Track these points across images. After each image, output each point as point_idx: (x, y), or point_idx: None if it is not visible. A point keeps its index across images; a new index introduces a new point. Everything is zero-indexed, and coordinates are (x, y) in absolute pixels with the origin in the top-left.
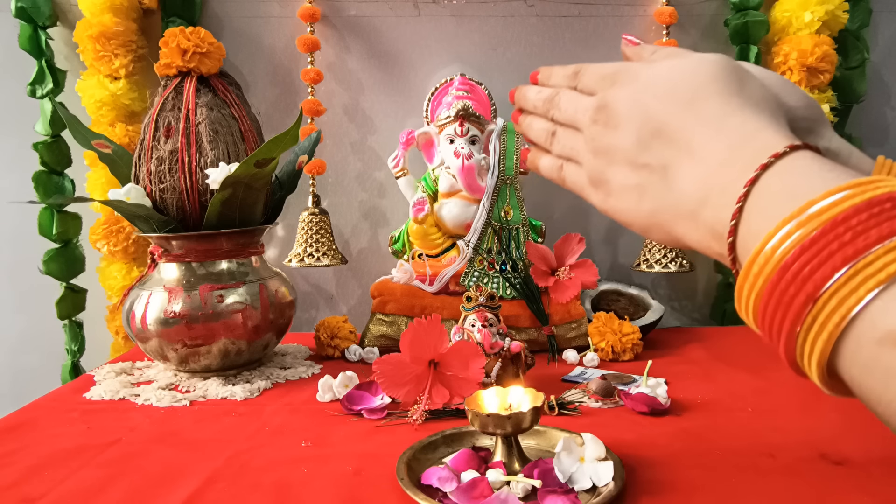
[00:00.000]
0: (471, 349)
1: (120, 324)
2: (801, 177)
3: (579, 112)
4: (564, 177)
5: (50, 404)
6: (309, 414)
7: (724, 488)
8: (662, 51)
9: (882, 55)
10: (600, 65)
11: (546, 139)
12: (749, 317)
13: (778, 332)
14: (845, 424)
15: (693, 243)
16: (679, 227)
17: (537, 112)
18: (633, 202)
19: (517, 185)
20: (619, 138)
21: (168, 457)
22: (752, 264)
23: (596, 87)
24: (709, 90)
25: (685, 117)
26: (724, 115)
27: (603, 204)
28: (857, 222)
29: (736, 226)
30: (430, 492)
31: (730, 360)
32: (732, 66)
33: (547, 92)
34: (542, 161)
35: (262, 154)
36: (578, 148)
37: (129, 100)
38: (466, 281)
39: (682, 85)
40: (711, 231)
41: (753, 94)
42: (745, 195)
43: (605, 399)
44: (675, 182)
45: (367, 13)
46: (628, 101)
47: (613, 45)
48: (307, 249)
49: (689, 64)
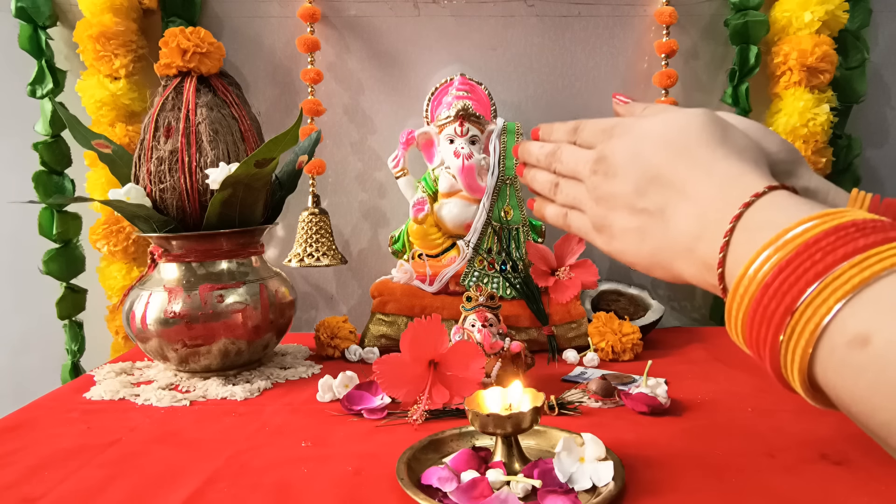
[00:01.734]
0: (471, 349)
1: (120, 324)
2: (778, 211)
3: (580, 164)
4: (569, 223)
5: (50, 404)
6: (309, 414)
7: (724, 488)
8: (652, 107)
9: (882, 55)
10: (597, 120)
11: (550, 190)
12: (738, 336)
13: (763, 345)
14: (845, 424)
15: (690, 278)
16: (677, 263)
17: (540, 165)
18: (635, 244)
19: (517, 185)
20: (619, 186)
21: (168, 457)
22: (738, 286)
23: (594, 140)
24: (698, 140)
25: (678, 164)
26: (712, 161)
27: (607, 246)
28: (826, 244)
29: (724, 257)
30: (430, 492)
31: (730, 360)
32: (717, 119)
33: (549, 147)
34: (547, 210)
35: (262, 154)
36: (581, 197)
37: (129, 100)
38: (466, 281)
39: (674, 136)
40: (705, 264)
41: (737, 143)
42: (731, 230)
43: (605, 399)
44: (671, 222)
45: (367, 13)
46: (625, 152)
47: (613, 45)
48: (307, 249)
49: (679, 118)
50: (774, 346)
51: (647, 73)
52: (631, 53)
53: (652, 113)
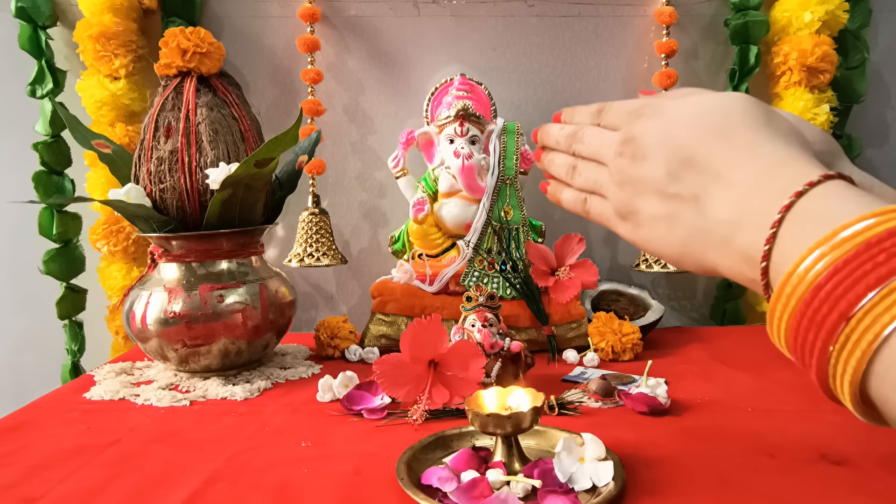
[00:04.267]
0: (471, 349)
1: (120, 324)
2: (834, 204)
3: (604, 146)
4: (588, 209)
5: (50, 404)
6: (309, 414)
7: (724, 488)
8: (682, 90)
9: (882, 55)
10: (624, 101)
11: (567, 173)
12: (780, 338)
13: (810, 353)
14: (845, 424)
15: (725, 270)
16: (711, 254)
17: (560, 148)
18: (663, 232)
19: (517, 185)
20: (647, 169)
21: (168, 457)
22: (784, 285)
23: (620, 122)
24: (739, 122)
25: (716, 147)
26: (755, 144)
27: (632, 235)
28: (891, 244)
29: (770, 250)
30: (430, 492)
31: (730, 360)
32: (758, 102)
33: (570, 128)
34: (564, 194)
35: (262, 154)
36: (603, 180)
37: (129, 100)
38: (466, 281)
39: (711, 117)
40: (745, 256)
41: (781, 127)
42: (780, 221)
43: (605, 399)
44: (707, 210)
45: (367, 13)
46: (656, 132)
47: (613, 45)
48: (307, 249)
49: (716, 98)
50: (823, 355)
51: (647, 73)
52: (631, 53)
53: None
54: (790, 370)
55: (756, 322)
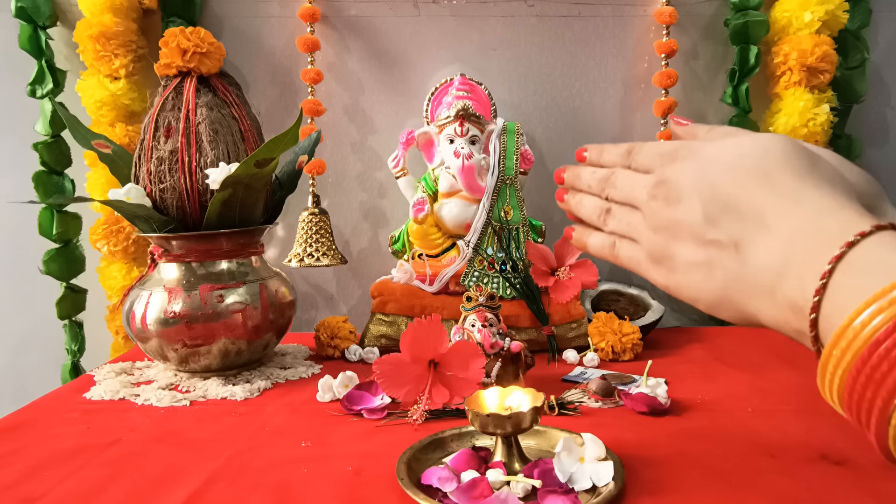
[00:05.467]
0: (471, 349)
1: (120, 324)
2: (889, 255)
3: (636, 189)
4: (618, 254)
5: (50, 404)
6: (309, 414)
7: (724, 488)
8: (718, 130)
9: (882, 55)
10: (656, 143)
11: (599, 217)
12: (833, 394)
13: (868, 411)
14: (845, 424)
15: (768, 320)
16: (753, 302)
17: (591, 191)
18: (700, 279)
19: (517, 185)
20: (683, 213)
21: (168, 457)
22: (839, 339)
23: (652, 164)
24: (782, 166)
25: (758, 192)
26: (800, 190)
27: (665, 280)
28: None
29: (819, 302)
30: (430, 492)
31: (730, 360)
32: (802, 145)
33: (602, 172)
34: (591, 238)
35: (262, 154)
36: (636, 224)
37: (129, 100)
38: (466, 281)
39: (752, 161)
40: (791, 306)
41: (826, 173)
42: (830, 271)
43: (605, 399)
44: (748, 257)
45: (367, 13)
46: (691, 176)
47: (613, 45)
48: (307, 249)
49: (757, 141)
50: (884, 414)
51: (647, 73)
52: (631, 53)
53: (719, 136)
54: (790, 370)
55: None
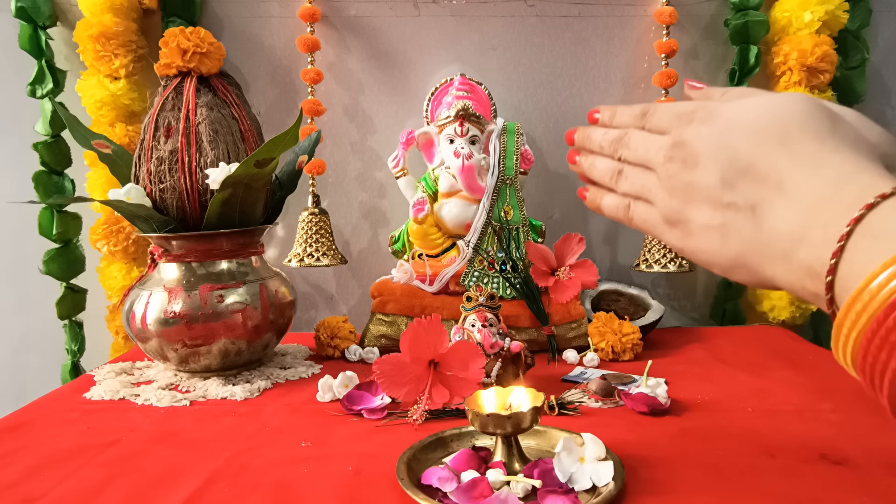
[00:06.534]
0: (471, 349)
1: (120, 324)
2: None
3: (651, 151)
4: (632, 216)
5: (50, 404)
6: (309, 414)
7: (724, 488)
8: (733, 91)
9: (882, 55)
10: (672, 104)
11: (612, 178)
12: (847, 356)
13: (881, 373)
14: (845, 424)
15: (784, 284)
16: (769, 267)
17: (603, 152)
18: (716, 242)
19: (517, 185)
20: (700, 176)
21: (168, 457)
22: (854, 301)
23: (668, 125)
24: (801, 129)
25: (776, 155)
26: (820, 153)
27: (680, 243)
28: None
29: (836, 264)
30: (430, 492)
31: (730, 360)
32: (822, 106)
33: (614, 132)
34: (605, 200)
35: (262, 154)
36: (650, 186)
37: (129, 100)
38: (466, 281)
39: (771, 123)
40: (808, 270)
41: (848, 135)
42: (848, 234)
43: (605, 399)
44: (765, 221)
45: (367, 13)
46: (709, 138)
47: (613, 45)
48: (307, 249)
49: (776, 102)
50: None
51: (647, 73)
52: (631, 53)
53: (735, 96)
54: (790, 370)
55: (756, 322)
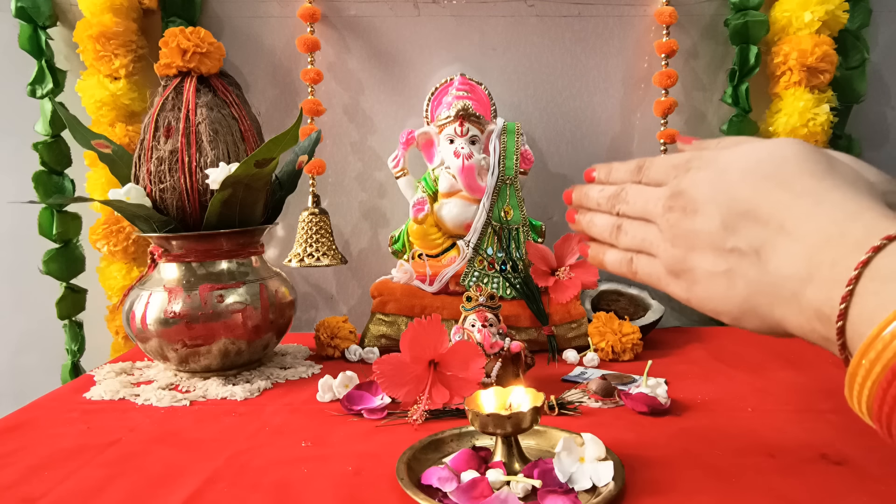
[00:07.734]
0: (471, 349)
1: (120, 324)
2: None
3: (650, 203)
4: (636, 269)
5: (50, 404)
6: (309, 414)
7: (724, 488)
8: (727, 140)
9: (882, 55)
10: (667, 156)
11: (611, 233)
12: (861, 404)
13: None
14: (845, 424)
15: (795, 328)
16: (778, 310)
17: (601, 209)
18: (722, 289)
19: (517, 185)
20: (701, 223)
21: (168, 457)
22: (868, 349)
23: (665, 177)
24: (799, 169)
25: (776, 197)
26: (818, 191)
27: (686, 293)
28: None
29: (846, 309)
30: (430, 492)
31: (730, 360)
32: (817, 148)
33: (611, 189)
34: (607, 255)
35: (262, 154)
36: (651, 238)
37: (129, 100)
38: (466, 281)
39: (768, 166)
40: (817, 313)
41: (845, 174)
42: (857, 277)
43: (605, 399)
44: (770, 263)
45: (367, 13)
46: (707, 184)
47: (613, 45)
48: (307, 249)
49: (772, 146)
50: None
51: (647, 73)
52: (631, 53)
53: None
54: (790, 370)
55: None
